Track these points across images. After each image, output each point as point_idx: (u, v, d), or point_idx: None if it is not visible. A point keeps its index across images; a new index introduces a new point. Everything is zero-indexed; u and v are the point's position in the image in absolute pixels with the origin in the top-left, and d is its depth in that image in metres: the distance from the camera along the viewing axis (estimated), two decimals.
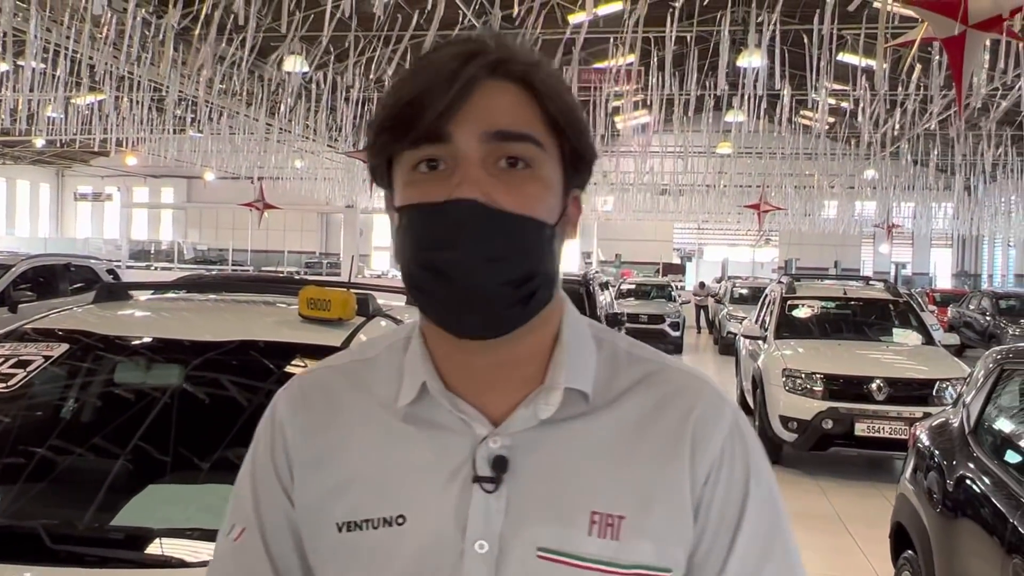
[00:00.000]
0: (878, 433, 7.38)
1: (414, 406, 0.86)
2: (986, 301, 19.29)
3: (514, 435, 0.84)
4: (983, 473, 3.10)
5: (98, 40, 11.70)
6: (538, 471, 0.83)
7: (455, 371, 0.86)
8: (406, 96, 0.80)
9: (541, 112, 0.82)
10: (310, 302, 2.61)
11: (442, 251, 0.78)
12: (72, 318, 2.78)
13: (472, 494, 0.82)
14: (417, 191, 0.80)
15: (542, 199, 0.81)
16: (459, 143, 0.79)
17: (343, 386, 0.92)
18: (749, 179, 27.04)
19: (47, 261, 11.79)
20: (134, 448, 2.28)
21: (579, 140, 0.84)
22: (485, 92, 0.80)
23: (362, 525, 0.84)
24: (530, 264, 0.80)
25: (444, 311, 0.82)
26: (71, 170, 42.07)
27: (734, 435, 0.87)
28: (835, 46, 10.96)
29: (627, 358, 0.90)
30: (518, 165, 0.80)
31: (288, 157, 27.14)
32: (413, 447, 0.86)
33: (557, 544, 0.81)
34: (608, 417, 0.86)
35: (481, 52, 0.81)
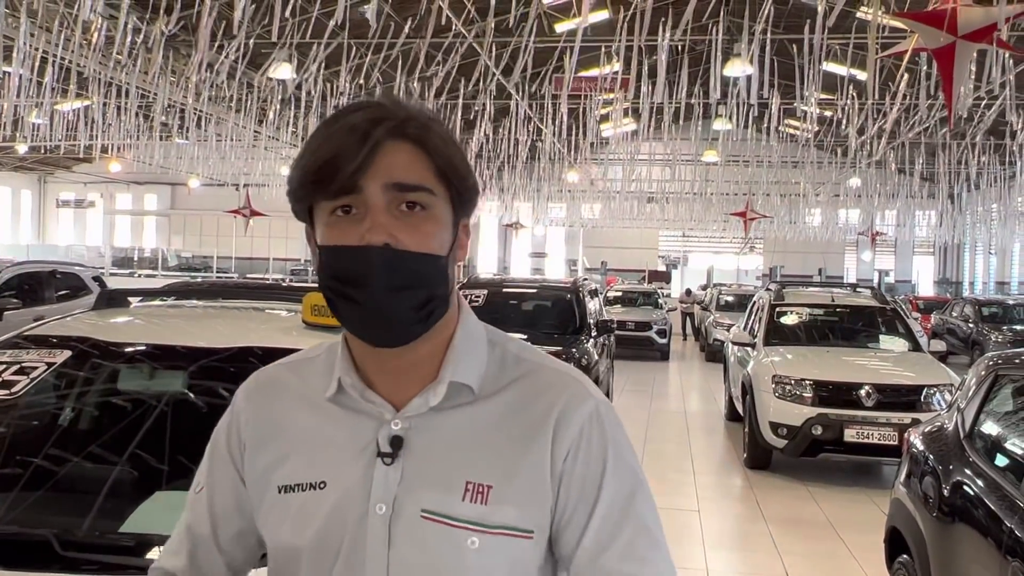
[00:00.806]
0: (867, 439, 7.42)
1: (338, 395, 1.07)
2: (969, 308, 19.47)
3: (410, 419, 1.04)
4: (979, 478, 3.13)
5: (85, 47, 11.64)
6: (427, 448, 1.03)
7: (370, 368, 1.07)
8: (324, 155, 0.98)
9: (431, 165, 1.01)
10: (314, 308, 2.60)
11: (358, 286, 0.97)
12: (73, 325, 2.76)
13: (376, 466, 1.03)
14: (336, 232, 0.99)
15: (436, 234, 1.01)
16: (368, 194, 0.98)
17: (289, 379, 1.15)
18: (735, 187, 27.19)
19: (33, 268, 11.67)
20: (136, 455, 2.27)
21: (462, 184, 1.04)
22: (387, 151, 0.98)
23: (294, 488, 1.06)
24: (428, 291, 1.00)
25: (360, 328, 1.02)
26: (53, 176, 41.73)
27: (593, 420, 1.05)
28: (821, 55, 11.03)
29: (513, 358, 1.10)
30: (415, 208, 0.99)
31: (275, 164, 27.06)
32: (335, 427, 1.07)
33: (437, 507, 1.01)
34: (489, 405, 1.05)
35: (384, 118, 0.99)
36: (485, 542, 1.00)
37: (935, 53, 4.76)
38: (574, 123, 19.51)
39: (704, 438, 10.07)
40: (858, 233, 31.07)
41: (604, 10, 18.26)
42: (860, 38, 11.09)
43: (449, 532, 1.00)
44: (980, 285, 36.14)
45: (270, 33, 10.36)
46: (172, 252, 37.90)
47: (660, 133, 19.42)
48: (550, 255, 39.44)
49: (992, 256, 35.16)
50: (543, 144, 22.44)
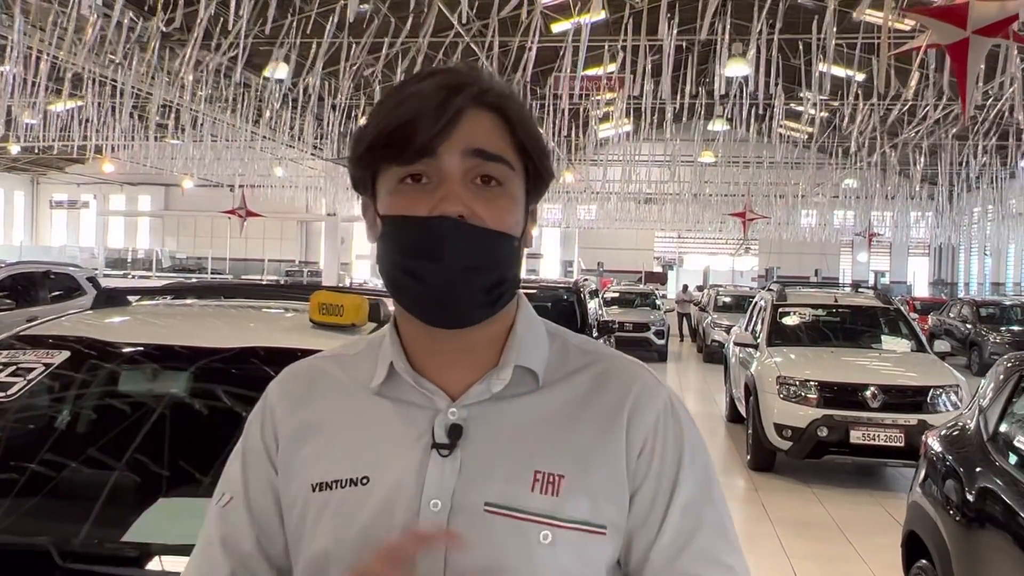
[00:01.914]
0: (873, 441, 7.35)
1: (385, 385, 0.99)
2: (966, 309, 19.45)
3: (469, 407, 0.96)
4: (1007, 482, 3.05)
5: (79, 45, 11.52)
6: (489, 438, 0.95)
7: (421, 354, 0.98)
8: (400, 118, 0.91)
9: (512, 138, 0.94)
10: (322, 307, 2.51)
11: (427, 260, 0.90)
12: (70, 325, 2.67)
13: (430, 459, 0.94)
14: (404, 200, 0.91)
15: (512, 212, 0.94)
16: (444, 160, 0.91)
17: (327, 371, 1.05)
18: (732, 188, 27.17)
19: (26, 269, 11.57)
20: (136, 460, 2.18)
21: (541, 163, 0.98)
22: (468, 119, 0.92)
23: (331, 485, 0.96)
24: (500, 272, 0.93)
25: (422, 307, 0.94)
26: (46, 177, 41.56)
27: (667, 413, 0.99)
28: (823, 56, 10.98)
29: (576, 349, 1.03)
30: (491, 183, 0.92)
31: (269, 164, 26.96)
32: (382, 419, 0.98)
33: (503, 499, 0.92)
34: (555, 393, 0.99)
35: (467, 84, 0.93)
36: (558, 536, 0.92)
37: (948, 49, 4.70)
38: (573, 121, 19.46)
39: (706, 439, 9.96)
40: (855, 234, 31.10)
41: (601, 11, 18.24)
42: (867, 38, 11.03)
43: (518, 526, 0.92)
44: (975, 286, 36.20)
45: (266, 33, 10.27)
46: (166, 253, 37.77)
47: (659, 134, 19.38)
48: (545, 256, 39.39)
49: (987, 257, 35.22)
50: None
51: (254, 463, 1.03)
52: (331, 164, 22.31)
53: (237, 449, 1.07)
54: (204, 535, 1.05)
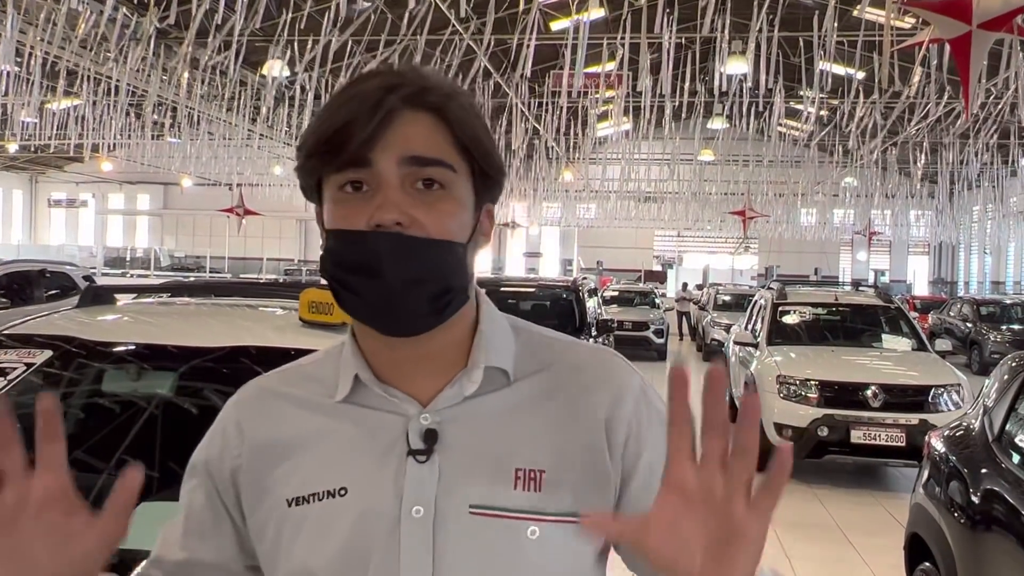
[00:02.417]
0: (874, 440, 7.29)
1: (351, 396, 0.96)
2: (967, 308, 19.40)
3: (442, 411, 0.94)
4: (1013, 484, 2.99)
5: (74, 41, 11.45)
6: (465, 440, 0.93)
7: (384, 363, 0.96)
8: (334, 124, 0.88)
9: (452, 138, 0.91)
10: (312, 305, 2.46)
11: (365, 277, 0.88)
12: (55, 323, 2.61)
13: (407, 466, 0.92)
14: (343, 210, 0.89)
15: (455, 215, 0.91)
16: (380, 167, 0.88)
17: (288, 387, 1.02)
18: (731, 187, 27.13)
19: (22, 267, 11.52)
20: (124, 461, 2.11)
21: (486, 162, 0.94)
22: (403, 121, 0.89)
23: (309, 499, 0.93)
24: (445, 282, 0.90)
25: (368, 319, 0.92)
26: (45, 176, 41.52)
27: (645, 402, 0.97)
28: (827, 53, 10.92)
29: (542, 341, 1.02)
30: (433, 186, 0.89)
31: (268, 163, 26.91)
32: (353, 429, 0.96)
33: (487, 500, 0.91)
34: (526, 388, 0.97)
35: (400, 84, 0.89)
36: (545, 531, 0.91)
37: (952, 44, 4.64)
38: (572, 119, 19.39)
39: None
40: (855, 232, 31.05)
41: (600, 8, 18.19)
42: (867, 36, 10.96)
43: (505, 525, 0.91)
44: (975, 285, 36.15)
45: (263, 30, 10.20)
46: (165, 252, 37.72)
47: (658, 132, 19.31)
48: (545, 255, 39.35)
49: (987, 256, 35.18)
50: (540, 143, 22.31)
51: (196, 490, 1.02)
52: None
53: (187, 472, 1.05)
54: (156, 546, 1.05)
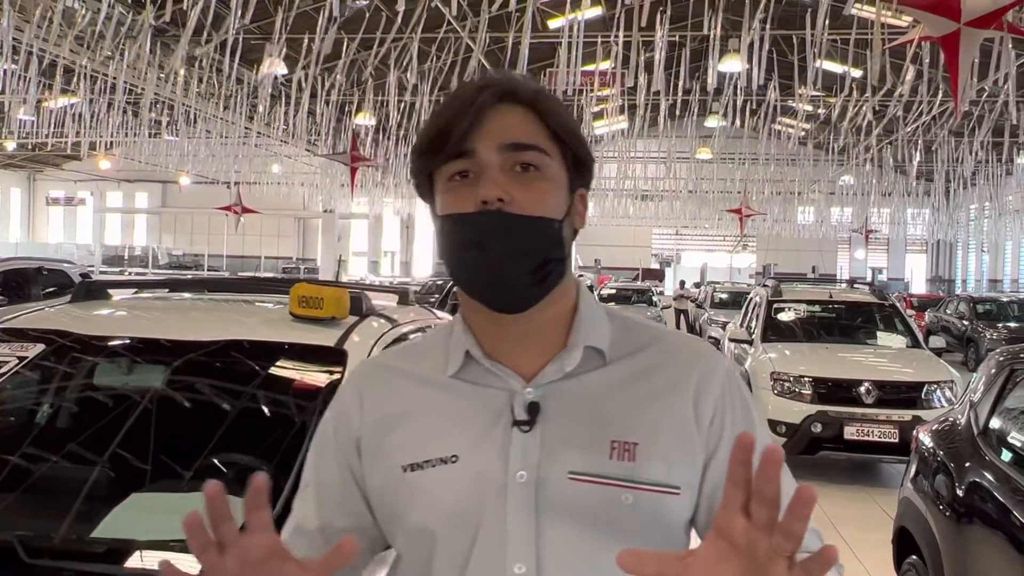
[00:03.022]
0: (867, 436, 7.32)
1: (460, 372, 1.08)
2: (963, 306, 19.42)
3: (544, 386, 1.05)
4: (996, 476, 3.02)
5: (70, 39, 11.46)
6: (565, 413, 1.03)
7: (491, 341, 1.08)
8: (438, 125, 1.02)
9: (545, 127, 1.03)
10: (302, 300, 2.48)
11: (475, 251, 1.00)
12: (48, 317, 2.63)
13: (512, 435, 1.02)
14: (452, 197, 1.02)
15: (551, 193, 1.02)
16: (481, 155, 1.00)
17: (401, 365, 1.14)
18: (728, 185, 27.15)
19: (19, 265, 11.53)
20: (113, 455, 2.14)
21: (578, 148, 1.06)
22: (498, 113, 1.01)
23: (423, 465, 1.04)
24: (544, 254, 1.01)
25: (482, 294, 1.04)
26: (43, 174, 41.50)
27: (730, 383, 1.08)
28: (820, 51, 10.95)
29: (636, 327, 1.12)
30: (529, 169, 1.01)
31: (265, 161, 26.89)
32: (461, 402, 1.06)
33: (585, 468, 1.00)
34: (621, 368, 1.07)
35: (491, 84, 1.03)
36: (638, 498, 1.00)
37: (941, 41, 4.67)
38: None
39: None
40: (852, 230, 31.09)
41: (598, 6, 18.20)
42: (860, 34, 11.00)
43: (601, 490, 1.00)
44: (973, 283, 36.20)
45: (260, 28, 10.21)
46: (163, 250, 37.73)
47: (654, 130, 19.31)
48: None
49: (984, 254, 35.24)
50: None
51: (327, 462, 1.13)
52: (327, 161, 22.24)
53: (315, 442, 1.16)
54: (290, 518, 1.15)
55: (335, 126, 20.34)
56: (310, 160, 26.18)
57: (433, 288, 15.95)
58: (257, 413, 2.32)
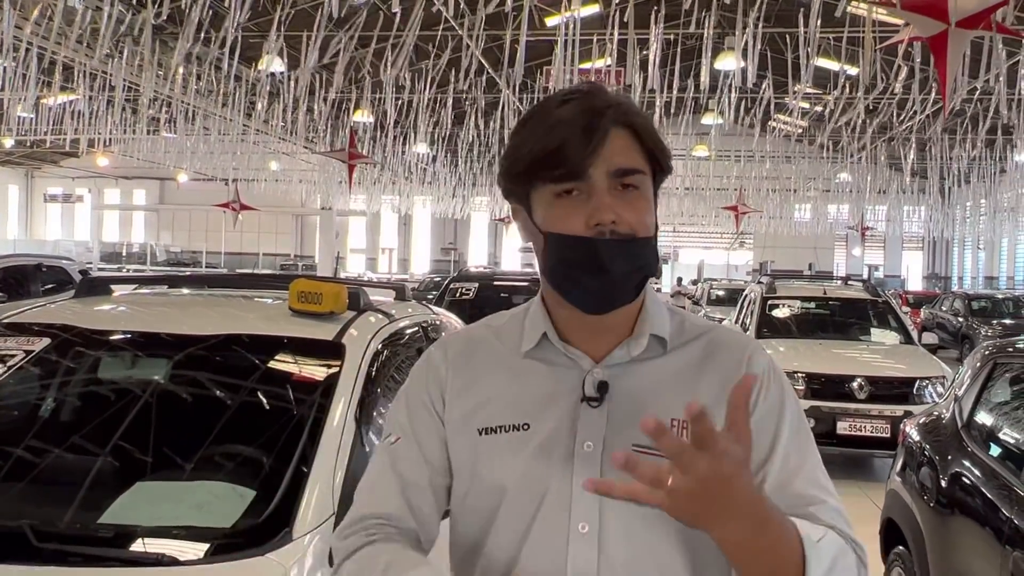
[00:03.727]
0: (860, 432, 7.39)
1: (535, 350, 1.19)
2: (958, 303, 19.47)
3: (612, 368, 1.16)
4: (978, 468, 3.09)
5: (70, 37, 11.50)
6: (630, 392, 1.15)
7: (567, 326, 1.18)
8: (552, 143, 1.09)
9: (641, 147, 1.12)
10: (301, 295, 2.54)
11: (593, 273, 1.09)
12: (53, 312, 2.69)
13: (580, 410, 1.14)
14: (560, 214, 1.10)
15: (648, 211, 1.13)
16: (594, 179, 1.09)
17: (481, 339, 1.26)
18: (725, 182, 27.20)
19: (18, 262, 11.56)
20: (116, 446, 2.20)
21: (666, 164, 1.16)
22: (610, 139, 1.09)
23: (497, 430, 1.16)
24: (649, 270, 1.13)
25: (585, 304, 1.14)
26: (41, 171, 41.45)
27: (771, 369, 1.19)
28: (813, 50, 11.00)
29: (691, 322, 1.23)
30: (629, 188, 1.11)
31: (263, 158, 26.89)
32: (535, 378, 1.18)
33: (648, 441, 1.02)
34: (680, 356, 1.19)
35: (605, 107, 1.10)
36: None
37: (930, 42, 4.73)
38: None
39: None
40: (847, 227, 31.14)
41: (594, 4, 18.23)
42: (852, 32, 11.06)
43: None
44: (969, 280, 36.28)
45: (259, 26, 10.24)
46: (161, 247, 37.71)
47: None
48: None
49: (981, 251, 35.31)
50: None
51: (419, 412, 1.23)
52: (324, 158, 22.27)
53: (400, 400, 1.27)
54: (375, 466, 1.24)
55: (333, 123, 20.36)
56: (308, 157, 26.18)
57: (431, 285, 16.00)
58: (257, 406, 2.38)
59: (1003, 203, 27.12)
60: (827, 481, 1.17)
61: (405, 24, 11.81)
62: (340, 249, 36.90)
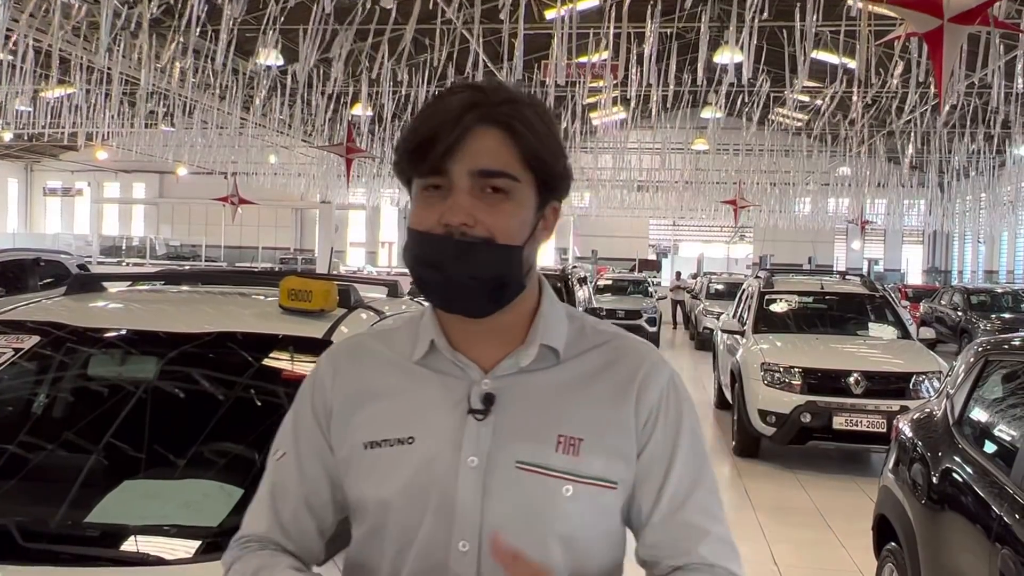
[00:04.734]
0: (856, 426, 7.40)
1: (425, 359, 1.14)
2: (957, 297, 19.48)
3: (500, 379, 1.11)
4: (968, 464, 3.10)
5: (67, 31, 11.48)
6: (518, 405, 1.10)
7: (456, 334, 1.13)
8: (422, 135, 1.05)
9: (518, 152, 1.05)
10: (291, 293, 2.54)
11: (432, 270, 1.06)
12: (43, 309, 2.69)
13: (466, 422, 1.09)
14: (422, 210, 1.06)
15: (516, 217, 1.06)
16: (453, 176, 1.04)
17: (374, 345, 1.21)
18: (725, 175, 27.18)
19: (16, 256, 11.55)
20: (108, 444, 2.20)
21: (547, 173, 1.08)
22: (476, 137, 1.03)
23: (381, 443, 1.11)
24: (501, 278, 1.06)
25: (438, 302, 1.12)
26: (40, 165, 41.40)
27: (671, 386, 1.15)
28: (812, 43, 10.97)
29: (591, 329, 1.18)
30: (498, 192, 1.05)
31: (262, 152, 26.86)
32: (423, 387, 1.13)
33: (532, 458, 1.07)
34: (573, 368, 1.13)
35: (479, 103, 1.04)
36: (578, 490, 1.07)
37: (925, 37, 4.72)
38: (563, 111, 19.42)
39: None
40: (847, 221, 31.11)
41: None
42: (850, 25, 11.03)
43: (544, 481, 1.07)
44: (969, 274, 36.26)
45: (257, 19, 10.22)
46: (161, 240, 37.68)
47: (650, 121, 19.31)
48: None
49: (981, 245, 35.28)
50: None
51: (304, 426, 1.20)
52: (323, 152, 22.24)
53: (290, 413, 1.23)
54: (261, 484, 1.22)
55: (331, 117, 20.32)
56: (307, 151, 26.15)
57: None
58: (248, 403, 2.39)
59: (1003, 197, 27.10)
60: (717, 506, 1.15)
61: (403, 18, 11.78)
62: (340, 243, 36.87)
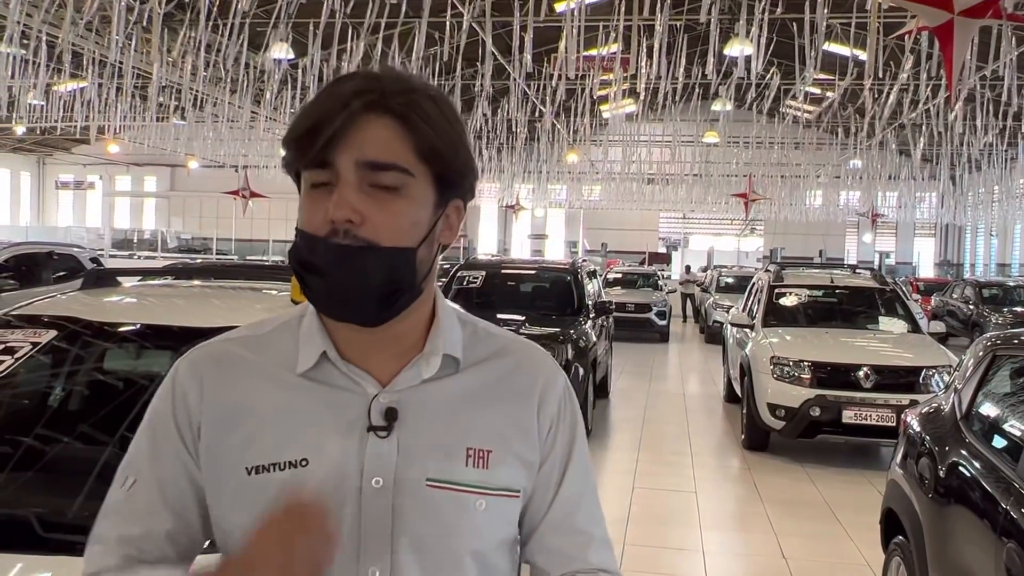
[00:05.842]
0: (865, 420, 7.41)
1: (312, 370, 1.03)
2: (969, 290, 19.39)
3: (401, 392, 1.03)
4: (976, 459, 3.11)
5: (79, 25, 11.54)
6: (422, 419, 1.02)
7: (345, 343, 1.04)
8: (308, 122, 0.95)
9: (413, 144, 0.95)
10: None
11: (316, 275, 0.96)
12: (60, 304, 2.74)
13: (368, 441, 1.00)
14: (308, 209, 0.97)
15: (408, 216, 0.97)
16: (339, 168, 0.94)
17: (242, 355, 1.07)
18: (735, 168, 27.09)
19: (30, 249, 11.67)
20: (123, 436, 2.24)
21: (445, 167, 0.99)
22: (364, 126, 0.94)
23: (269, 468, 0.99)
24: (392, 284, 0.97)
25: (325, 308, 1.01)
26: (52, 158, 41.59)
27: (567, 396, 1.13)
28: (823, 35, 10.93)
29: (484, 334, 1.12)
30: (388, 188, 0.95)
31: (273, 145, 26.92)
32: (313, 403, 1.02)
33: (443, 475, 1.01)
34: (474, 376, 1.07)
35: (370, 90, 0.95)
36: (490, 503, 1.03)
37: (936, 31, 4.71)
38: (574, 104, 19.39)
39: (702, 420, 10.06)
40: (858, 214, 30.98)
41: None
42: (861, 17, 10.98)
43: (457, 497, 1.02)
44: (981, 267, 36.05)
45: (268, 13, 10.25)
46: (172, 234, 37.82)
47: (660, 114, 19.26)
48: (550, 237, 39.37)
49: (993, 238, 35.06)
50: (542, 125, 22.32)
51: (166, 449, 1.04)
52: None
53: (141, 434, 1.07)
54: (102, 520, 1.06)
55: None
56: None
57: (439, 273, 15.97)
58: None
59: (1015, 189, 26.92)
60: (599, 510, 1.15)
61: (413, 11, 11.79)
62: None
